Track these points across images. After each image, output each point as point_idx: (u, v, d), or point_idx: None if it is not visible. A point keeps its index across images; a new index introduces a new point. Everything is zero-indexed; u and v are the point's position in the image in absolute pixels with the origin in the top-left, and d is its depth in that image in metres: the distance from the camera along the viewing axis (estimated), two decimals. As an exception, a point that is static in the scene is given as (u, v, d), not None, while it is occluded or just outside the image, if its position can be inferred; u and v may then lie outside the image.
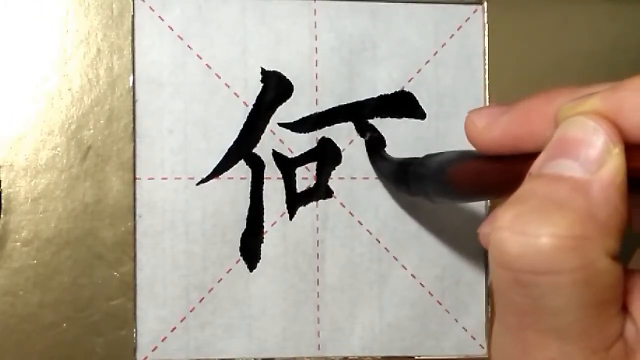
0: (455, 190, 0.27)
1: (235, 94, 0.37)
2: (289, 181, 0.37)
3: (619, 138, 0.19)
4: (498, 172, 0.22)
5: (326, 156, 0.38)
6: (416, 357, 0.37)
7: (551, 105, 0.22)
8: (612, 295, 0.19)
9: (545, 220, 0.19)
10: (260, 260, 0.37)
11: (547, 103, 0.22)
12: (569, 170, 0.20)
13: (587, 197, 0.19)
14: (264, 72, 0.37)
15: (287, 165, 0.37)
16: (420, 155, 0.32)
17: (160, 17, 0.37)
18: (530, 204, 0.19)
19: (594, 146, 0.19)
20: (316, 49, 0.38)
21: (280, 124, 0.37)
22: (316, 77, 0.38)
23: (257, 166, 0.37)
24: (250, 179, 0.37)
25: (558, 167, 0.20)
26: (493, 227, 0.20)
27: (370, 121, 0.38)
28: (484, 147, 0.24)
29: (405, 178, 0.32)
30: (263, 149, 0.37)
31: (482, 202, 0.38)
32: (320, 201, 0.37)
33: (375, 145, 0.37)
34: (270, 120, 0.37)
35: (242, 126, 0.37)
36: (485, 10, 0.39)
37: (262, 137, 0.37)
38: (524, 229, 0.19)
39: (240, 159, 0.37)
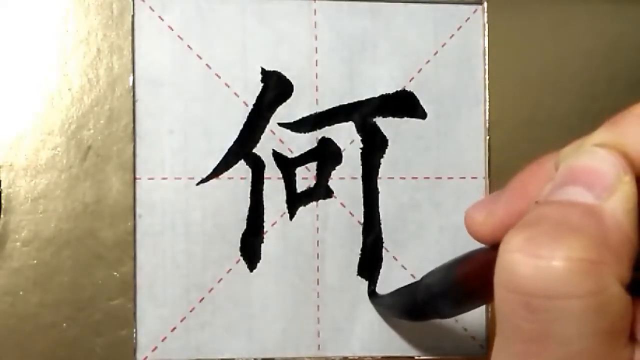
0: (466, 290, 0.26)
1: (235, 94, 0.37)
2: (289, 181, 0.37)
3: (628, 166, 0.19)
4: None
5: (326, 156, 0.38)
6: (416, 357, 0.37)
7: (544, 169, 0.21)
8: (623, 324, 0.19)
9: (559, 243, 0.18)
10: (260, 260, 0.37)
11: (539, 169, 0.22)
12: (579, 197, 0.19)
13: (600, 222, 0.19)
14: (264, 72, 0.37)
15: (287, 165, 0.37)
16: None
17: (160, 17, 0.37)
18: (543, 228, 0.19)
19: (605, 174, 0.19)
20: (316, 49, 0.38)
21: (280, 124, 0.37)
22: (316, 77, 0.38)
23: (257, 166, 0.37)
24: (250, 179, 0.37)
25: (568, 194, 0.19)
26: (501, 250, 0.19)
27: (373, 120, 0.38)
28: (490, 237, 0.23)
29: (412, 302, 0.31)
30: (263, 149, 0.37)
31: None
32: (320, 201, 0.37)
33: (374, 293, 0.37)
34: (270, 120, 0.37)
35: (242, 126, 0.37)
36: (485, 10, 0.39)
37: (262, 137, 0.37)
38: (537, 252, 0.18)
39: (240, 159, 0.37)
